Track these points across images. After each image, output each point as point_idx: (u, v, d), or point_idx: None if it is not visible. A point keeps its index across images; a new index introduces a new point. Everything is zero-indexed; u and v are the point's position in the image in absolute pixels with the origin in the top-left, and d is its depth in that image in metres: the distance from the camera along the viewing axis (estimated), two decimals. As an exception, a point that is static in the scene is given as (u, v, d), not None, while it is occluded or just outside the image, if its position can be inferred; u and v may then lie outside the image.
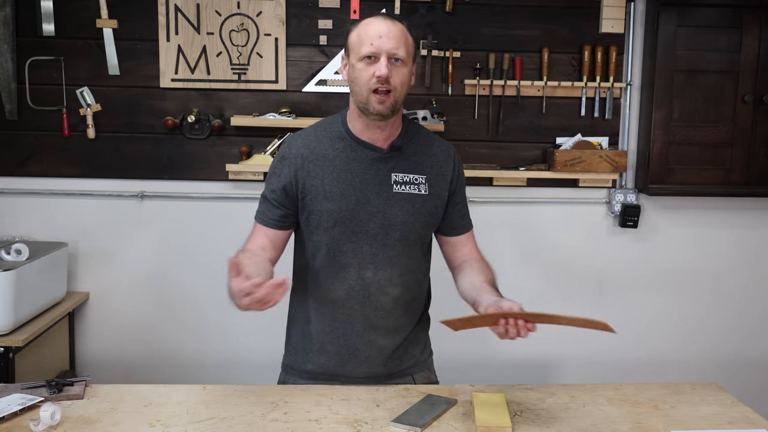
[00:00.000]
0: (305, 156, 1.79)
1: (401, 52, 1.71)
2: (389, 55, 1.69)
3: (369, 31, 1.71)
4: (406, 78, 1.74)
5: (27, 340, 2.49)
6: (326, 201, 1.76)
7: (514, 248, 3.09)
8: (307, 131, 1.85)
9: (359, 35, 1.72)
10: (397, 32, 1.71)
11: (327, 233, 1.79)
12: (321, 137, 1.81)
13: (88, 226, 2.98)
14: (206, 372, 3.06)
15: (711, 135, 3.01)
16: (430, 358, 2.04)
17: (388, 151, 1.79)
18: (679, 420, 1.70)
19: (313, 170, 1.78)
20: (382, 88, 1.69)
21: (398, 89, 1.71)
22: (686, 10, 2.94)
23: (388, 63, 1.69)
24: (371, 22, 1.73)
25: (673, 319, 3.17)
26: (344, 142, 1.79)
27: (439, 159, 1.85)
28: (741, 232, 3.16)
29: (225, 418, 1.65)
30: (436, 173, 1.83)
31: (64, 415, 1.63)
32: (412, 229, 1.81)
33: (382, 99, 1.70)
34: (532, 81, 2.97)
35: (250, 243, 1.82)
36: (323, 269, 1.82)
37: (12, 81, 2.86)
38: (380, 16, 1.75)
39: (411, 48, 1.76)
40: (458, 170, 1.89)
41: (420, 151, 1.83)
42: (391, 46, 1.69)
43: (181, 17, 2.89)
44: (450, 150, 1.89)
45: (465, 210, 1.92)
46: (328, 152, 1.79)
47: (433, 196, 1.82)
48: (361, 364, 1.86)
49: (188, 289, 3.04)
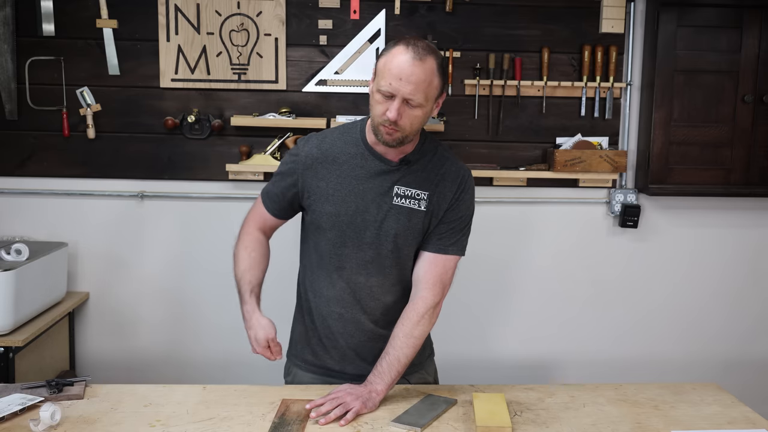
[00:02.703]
0: (315, 156, 1.81)
1: (417, 97, 1.66)
2: (404, 98, 1.66)
3: (392, 67, 1.66)
4: (418, 119, 1.70)
5: (27, 340, 2.49)
6: (327, 203, 1.80)
7: (514, 248, 3.09)
8: (325, 132, 1.89)
9: (385, 65, 1.68)
10: (419, 75, 1.65)
11: (325, 235, 1.83)
12: (336, 139, 1.84)
13: (88, 226, 2.98)
14: (206, 372, 3.06)
15: (711, 135, 3.00)
16: (428, 360, 2.04)
17: (397, 164, 1.80)
18: (679, 420, 1.70)
19: (321, 172, 1.81)
20: (388, 126, 1.69)
21: (407, 129, 1.70)
22: (686, 10, 2.93)
23: (401, 105, 1.66)
24: (399, 55, 1.66)
25: (673, 319, 3.17)
26: (357, 149, 1.81)
27: (445, 179, 1.82)
28: (741, 232, 3.16)
29: (225, 418, 1.65)
30: (439, 192, 1.82)
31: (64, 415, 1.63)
32: (405, 243, 1.82)
33: (390, 131, 1.70)
34: (532, 81, 2.97)
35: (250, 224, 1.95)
36: (319, 268, 1.87)
37: (12, 81, 2.86)
38: (411, 49, 1.66)
39: (434, 90, 1.70)
40: (462, 194, 1.83)
41: (429, 168, 1.82)
42: (408, 91, 1.65)
43: (181, 17, 2.89)
44: (461, 173, 1.84)
45: (450, 235, 1.83)
46: (339, 156, 1.81)
47: (430, 213, 1.81)
48: (352, 362, 1.90)
49: (188, 289, 3.04)
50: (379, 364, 1.78)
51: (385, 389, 1.76)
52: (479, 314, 3.09)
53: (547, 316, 3.12)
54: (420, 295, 1.82)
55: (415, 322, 1.79)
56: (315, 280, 1.89)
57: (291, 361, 2.01)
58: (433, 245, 1.83)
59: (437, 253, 1.83)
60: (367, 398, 1.71)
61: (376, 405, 1.73)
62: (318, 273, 1.88)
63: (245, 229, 1.95)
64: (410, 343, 1.78)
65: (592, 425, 1.67)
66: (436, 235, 1.83)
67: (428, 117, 1.75)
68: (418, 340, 1.80)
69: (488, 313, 3.10)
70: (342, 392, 1.73)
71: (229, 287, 2.97)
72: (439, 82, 1.72)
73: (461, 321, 3.07)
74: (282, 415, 1.66)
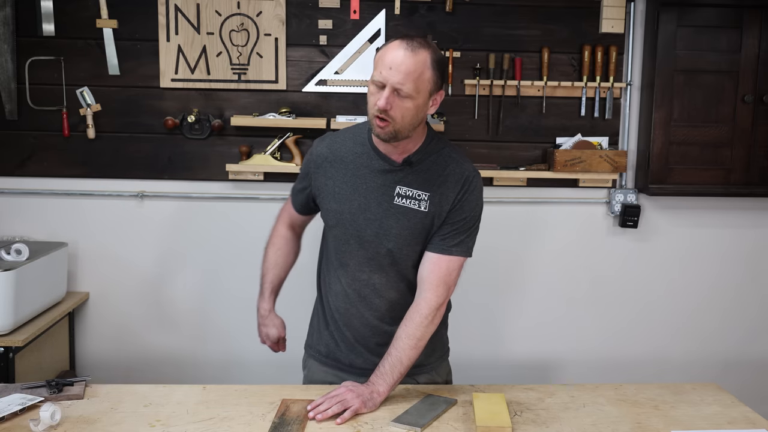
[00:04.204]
0: (325, 156, 1.88)
1: (406, 87, 1.67)
2: (393, 88, 1.68)
3: (385, 57, 1.69)
4: (409, 112, 1.71)
5: (27, 340, 2.49)
6: (333, 201, 1.85)
7: (514, 248, 3.09)
8: (339, 132, 1.93)
9: (380, 58, 1.71)
10: (409, 66, 1.67)
11: (331, 231, 1.90)
12: (346, 139, 1.88)
13: (88, 226, 2.98)
14: (206, 372, 3.06)
15: (711, 135, 3.00)
16: (439, 361, 2.04)
17: (400, 164, 1.81)
18: (679, 420, 1.70)
19: (329, 171, 1.86)
20: (380, 115, 1.70)
21: (398, 121, 1.71)
22: (686, 10, 2.93)
23: (390, 95, 1.68)
24: (392, 49, 1.70)
25: (673, 319, 3.17)
26: (363, 148, 1.85)
27: (448, 180, 1.81)
28: (741, 232, 3.16)
29: (225, 418, 1.66)
30: (441, 193, 1.81)
31: (64, 415, 1.63)
32: (405, 243, 1.83)
33: (381, 125, 1.72)
34: (532, 81, 2.97)
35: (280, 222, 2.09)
36: (329, 263, 1.94)
37: (12, 81, 2.86)
38: (405, 42, 1.70)
39: (425, 83, 1.70)
40: (465, 195, 1.81)
41: (432, 169, 1.82)
42: (397, 80, 1.67)
43: (181, 17, 2.89)
44: (465, 174, 1.82)
45: (453, 236, 1.82)
46: (347, 155, 1.85)
47: (432, 214, 1.81)
48: (360, 356, 1.93)
49: (188, 289, 3.03)
50: (381, 365, 1.79)
51: (387, 390, 1.76)
52: (479, 314, 3.08)
53: (547, 315, 3.12)
54: (423, 296, 1.82)
55: (418, 323, 1.79)
56: (326, 275, 1.97)
57: (307, 352, 2.06)
58: (436, 246, 1.83)
59: (441, 254, 1.82)
60: (368, 398, 1.72)
61: (376, 405, 1.73)
62: (328, 268, 1.95)
63: (276, 227, 2.10)
64: (412, 344, 1.78)
65: (592, 425, 1.67)
66: (439, 236, 1.83)
67: (422, 112, 1.74)
68: (420, 341, 1.80)
69: (488, 313, 3.10)
70: (343, 389, 1.74)
71: (229, 286, 3.00)
72: (433, 75, 1.72)
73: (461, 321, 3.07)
74: (282, 415, 1.66)
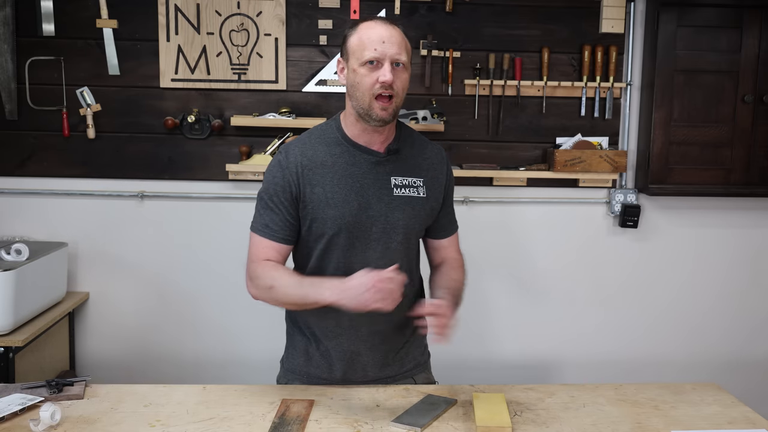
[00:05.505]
0: (304, 164, 1.76)
1: (403, 57, 1.71)
2: (392, 60, 1.69)
3: (371, 35, 1.69)
4: (406, 85, 1.74)
5: (27, 340, 2.49)
6: (329, 208, 1.74)
7: (514, 248, 3.09)
8: (301, 139, 1.82)
9: (360, 39, 1.70)
10: (398, 37, 1.71)
11: (332, 240, 1.77)
12: (316, 144, 1.79)
13: (88, 226, 2.98)
14: (206, 372, 3.06)
15: (711, 135, 3.00)
16: (429, 360, 2.04)
17: (386, 154, 1.79)
18: (679, 420, 1.70)
19: (314, 178, 1.75)
20: (385, 93, 1.69)
21: (400, 95, 1.72)
22: (686, 10, 2.93)
23: (391, 68, 1.69)
24: (373, 26, 1.71)
25: (673, 319, 3.17)
26: (341, 147, 1.78)
27: (433, 162, 1.87)
28: (741, 232, 3.16)
29: (225, 418, 1.65)
30: (432, 176, 1.85)
31: (64, 415, 1.63)
32: (413, 231, 1.83)
33: (385, 105, 1.70)
34: (532, 81, 2.97)
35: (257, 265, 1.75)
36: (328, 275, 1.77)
37: (12, 81, 2.86)
38: (379, 20, 1.74)
39: (410, 52, 1.77)
40: (450, 173, 1.92)
41: (416, 154, 1.84)
42: (395, 51, 1.69)
43: (181, 17, 2.89)
44: (441, 153, 1.91)
45: (453, 212, 1.95)
46: (326, 159, 1.76)
47: (431, 198, 1.84)
48: (363, 368, 1.87)
49: (188, 289, 3.04)
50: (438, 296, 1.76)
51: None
52: (479, 314, 3.08)
53: (546, 316, 3.12)
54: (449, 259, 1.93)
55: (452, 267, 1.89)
56: None
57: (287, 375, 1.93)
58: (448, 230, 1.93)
59: (452, 236, 1.94)
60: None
61: None
62: None
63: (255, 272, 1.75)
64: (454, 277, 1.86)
65: (592, 425, 1.67)
66: (447, 220, 1.92)
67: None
68: (458, 283, 1.86)
69: (488, 313, 3.10)
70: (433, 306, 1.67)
71: (228, 287, 2.99)
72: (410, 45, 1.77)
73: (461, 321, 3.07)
74: (282, 415, 1.66)
